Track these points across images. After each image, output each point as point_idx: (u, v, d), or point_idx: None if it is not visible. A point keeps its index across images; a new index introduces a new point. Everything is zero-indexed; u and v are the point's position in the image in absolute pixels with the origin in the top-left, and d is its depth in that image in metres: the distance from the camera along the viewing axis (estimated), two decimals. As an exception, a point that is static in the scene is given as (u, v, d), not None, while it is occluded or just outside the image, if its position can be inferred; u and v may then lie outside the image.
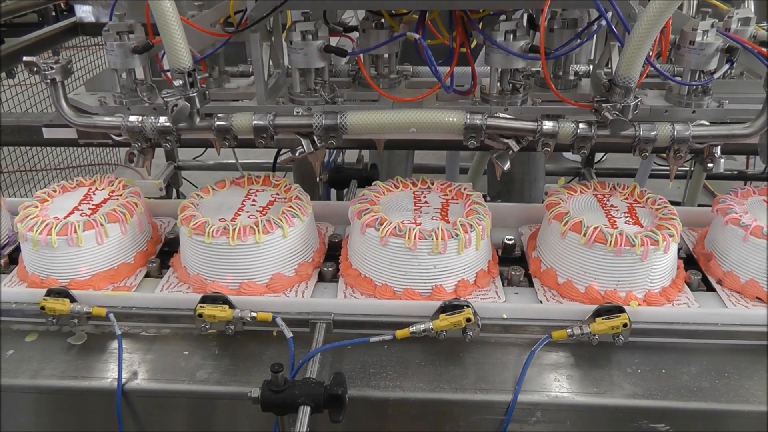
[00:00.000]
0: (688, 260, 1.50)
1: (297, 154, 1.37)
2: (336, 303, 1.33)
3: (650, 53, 1.25)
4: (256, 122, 1.36)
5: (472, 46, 1.48)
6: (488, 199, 2.73)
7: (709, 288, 1.40)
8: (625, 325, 1.21)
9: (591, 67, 1.61)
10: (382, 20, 1.47)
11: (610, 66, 1.50)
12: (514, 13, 1.37)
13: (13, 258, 1.52)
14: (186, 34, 1.27)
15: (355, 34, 1.60)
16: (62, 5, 3.51)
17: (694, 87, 1.38)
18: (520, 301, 1.36)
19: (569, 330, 1.22)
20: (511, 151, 1.34)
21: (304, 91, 1.44)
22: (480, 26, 1.40)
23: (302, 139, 1.36)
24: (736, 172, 3.16)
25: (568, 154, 3.08)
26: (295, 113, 1.39)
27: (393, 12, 1.47)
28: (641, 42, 1.18)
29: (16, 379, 1.24)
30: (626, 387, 1.20)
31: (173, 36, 1.24)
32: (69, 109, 1.41)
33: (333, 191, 2.20)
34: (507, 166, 1.36)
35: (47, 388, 1.24)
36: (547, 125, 1.32)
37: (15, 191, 3.54)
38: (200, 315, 1.25)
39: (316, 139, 1.37)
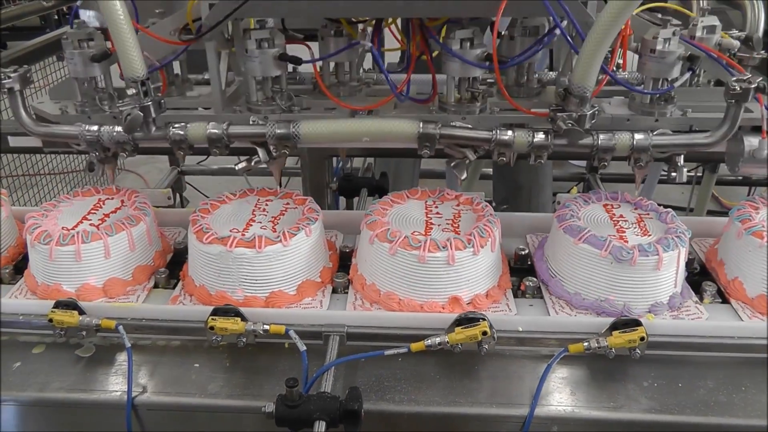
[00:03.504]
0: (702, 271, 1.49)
1: (253, 164, 1.37)
2: (350, 315, 1.32)
3: (609, 61, 1.21)
4: (210, 131, 1.35)
5: (434, 54, 1.44)
6: (494, 205, 2.72)
7: (724, 300, 1.38)
8: (642, 338, 1.20)
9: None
10: (341, 27, 1.45)
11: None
12: (469, 21, 1.34)
13: (19, 268, 1.50)
14: (144, 43, 1.26)
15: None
16: (65, 9, 3.50)
17: (657, 95, 1.36)
18: (535, 313, 1.35)
19: (586, 343, 1.21)
20: (468, 161, 1.33)
21: (261, 100, 1.43)
22: (441, 34, 1.37)
23: (258, 149, 1.36)
24: (740, 178, 3.15)
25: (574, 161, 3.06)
26: (250, 122, 1.38)
27: (352, 19, 1.45)
28: (595, 50, 1.15)
29: (23, 393, 1.22)
30: (643, 401, 1.18)
31: (126, 44, 1.24)
32: (27, 118, 1.41)
33: (342, 199, 2.19)
34: (464, 175, 1.35)
35: (55, 402, 1.22)
36: (503, 135, 1.31)
37: (19, 197, 3.53)
38: (212, 327, 1.24)
39: (271, 149, 1.36)
